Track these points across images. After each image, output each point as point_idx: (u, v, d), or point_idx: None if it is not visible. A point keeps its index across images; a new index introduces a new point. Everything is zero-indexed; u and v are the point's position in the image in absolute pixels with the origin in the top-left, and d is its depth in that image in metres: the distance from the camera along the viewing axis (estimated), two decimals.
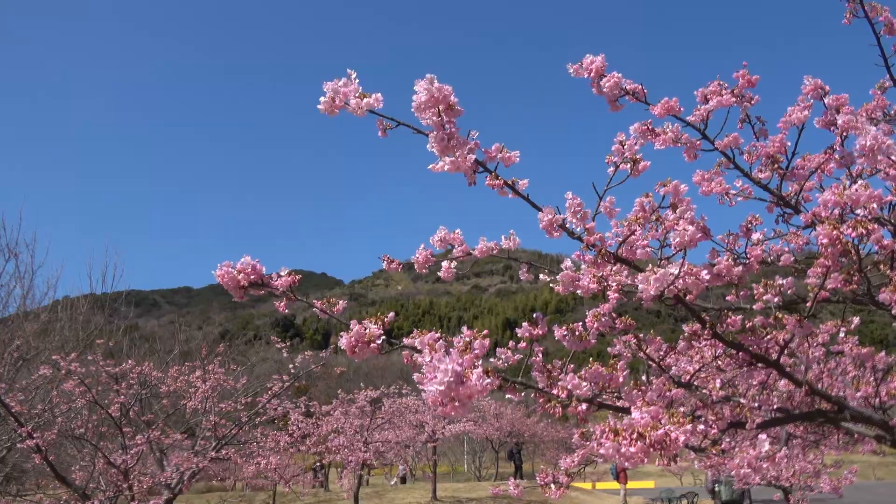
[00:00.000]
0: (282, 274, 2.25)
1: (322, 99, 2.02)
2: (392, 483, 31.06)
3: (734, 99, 2.68)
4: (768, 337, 2.70)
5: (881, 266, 2.46)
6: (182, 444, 11.14)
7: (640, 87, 2.63)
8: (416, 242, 3.02)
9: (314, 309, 2.29)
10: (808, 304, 2.57)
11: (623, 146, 2.44)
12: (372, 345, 2.01)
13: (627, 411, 2.27)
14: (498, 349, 2.55)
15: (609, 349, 3.13)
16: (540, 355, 2.58)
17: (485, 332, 1.97)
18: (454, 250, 3.06)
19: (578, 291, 2.63)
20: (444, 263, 3.14)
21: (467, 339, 1.90)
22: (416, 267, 3.11)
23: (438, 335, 2.03)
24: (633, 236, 2.46)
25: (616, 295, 2.56)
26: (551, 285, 2.87)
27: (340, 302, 2.34)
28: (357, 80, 2.03)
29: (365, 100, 2.04)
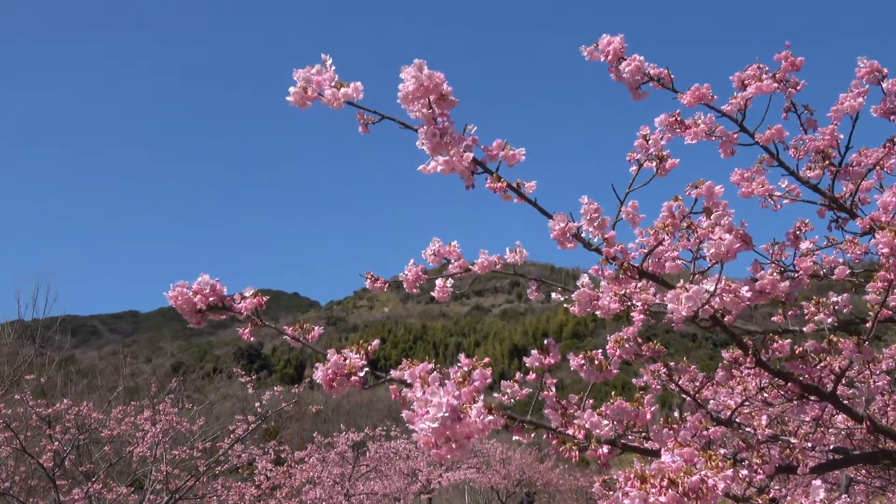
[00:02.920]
0: (246, 295, 2.26)
1: (292, 89, 2.04)
2: None
3: (776, 85, 2.70)
4: (822, 364, 2.72)
5: None
6: (127, 500, 11.08)
7: (665, 71, 2.65)
8: (405, 257, 3.04)
9: (285, 336, 2.30)
10: (869, 325, 2.58)
11: (647, 141, 2.47)
12: (353, 378, 2.02)
13: (657, 454, 2.28)
14: (503, 382, 2.56)
15: (634, 380, 3.16)
16: (553, 388, 2.59)
17: (486, 360, 1.99)
18: (450, 266, 3.07)
19: (597, 312, 2.65)
20: (439, 281, 3.15)
21: (465, 369, 1.91)
22: (405, 286, 3.12)
23: (432, 366, 2.04)
24: (660, 247, 2.48)
25: (641, 316, 2.58)
26: (566, 305, 2.88)
27: (316, 328, 2.35)
28: (333, 68, 2.05)
29: (342, 90, 2.05)
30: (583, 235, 2.30)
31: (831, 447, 3.02)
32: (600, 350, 2.59)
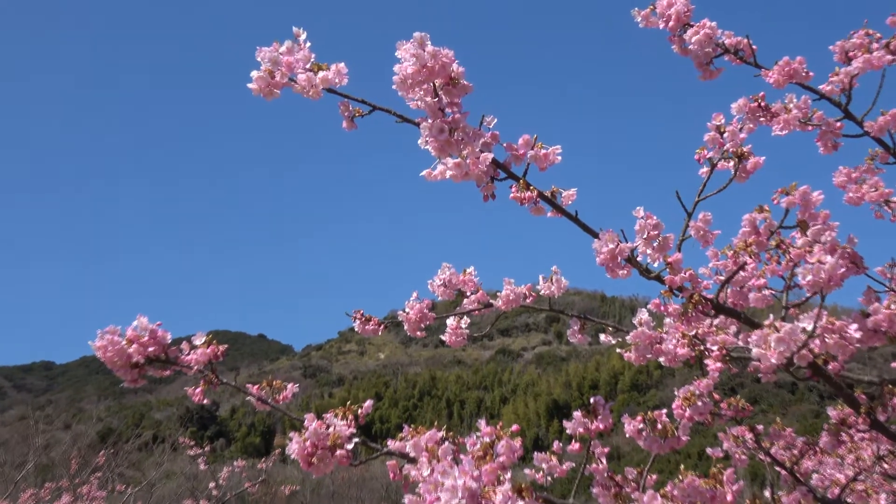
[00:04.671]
0: (196, 343, 2.26)
1: (255, 74, 2.05)
2: None
3: (891, 56, 2.72)
4: None
5: None
6: None
7: (745, 41, 2.67)
8: (405, 289, 3.06)
9: (248, 397, 2.32)
10: None
11: (722, 134, 2.48)
12: (338, 451, 2.03)
13: None
14: (537, 454, 2.56)
15: (710, 450, 3.15)
16: (603, 460, 2.59)
17: (513, 427, 2.00)
18: (465, 300, 3.08)
19: (661, 359, 2.65)
20: (450, 321, 3.16)
21: (486, 440, 1.92)
22: (405, 327, 3.13)
23: (443, 433, 2.05)
24: (742, 273, 2.49)
25: (719, 364, 2.59)
26: (619, 350, 2.89)
27: (289, 386, 2.37)
28: (308, 45, 2.08)
29: (321, 73, 2.07)
30: (639, 259, 2.30)
31: None
32: (664, 410, 2.58)
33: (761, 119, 2.73)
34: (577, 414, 2.46)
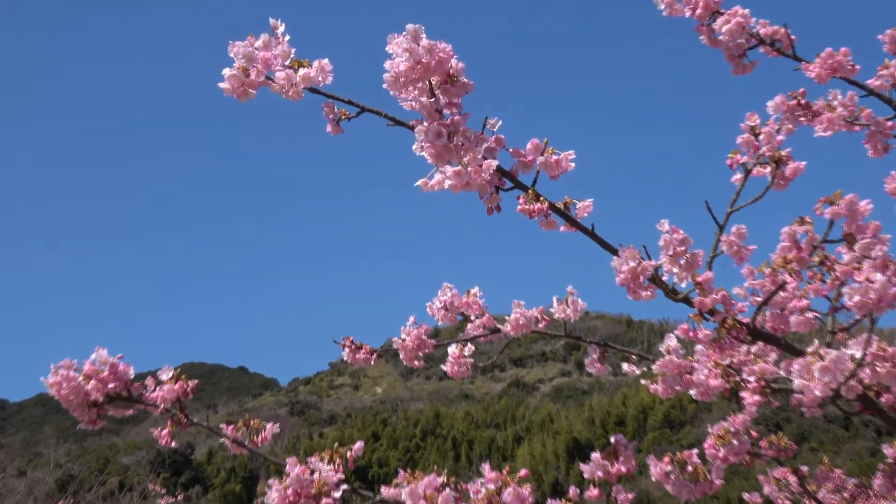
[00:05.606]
0: (163, 378, 2.26)
1: (227, 72, 2.04)
2: None
3: None
4: None
5: None
6: None
7: (782, 30, 2.67)
8: (402, 316, 3.05)
9: (223, 439, 2.31)
10: None
11: (757, 136, 2.47)
12: (324, 500, 2.03)
13: None
14: (551, 501, 2.55)
15: (747, 495, 3.14)
16: None
17: (521, 472, 2.00)
18: (469, 325, 3.07)
19: (692, 392, 2.64)
20: (452, 349, 3.14)
21: (491, 487, 1.92)
22: (402, 356, 3.11)
23: (443, 479, 2.05)
24: (781, 293, 2.48)
25: (757, 397, 2.58)
26: (644, 381, 2.88)
27: (269, 425, 2.36)
28: (287, 39, 2.08)
29: (302, 70, 2.07)
30: (664, 279, 2.28)
31: None
32: (695, 451, 2.57)
33: (802, 119, 2.73)
34: (594, 455, 2.44)
